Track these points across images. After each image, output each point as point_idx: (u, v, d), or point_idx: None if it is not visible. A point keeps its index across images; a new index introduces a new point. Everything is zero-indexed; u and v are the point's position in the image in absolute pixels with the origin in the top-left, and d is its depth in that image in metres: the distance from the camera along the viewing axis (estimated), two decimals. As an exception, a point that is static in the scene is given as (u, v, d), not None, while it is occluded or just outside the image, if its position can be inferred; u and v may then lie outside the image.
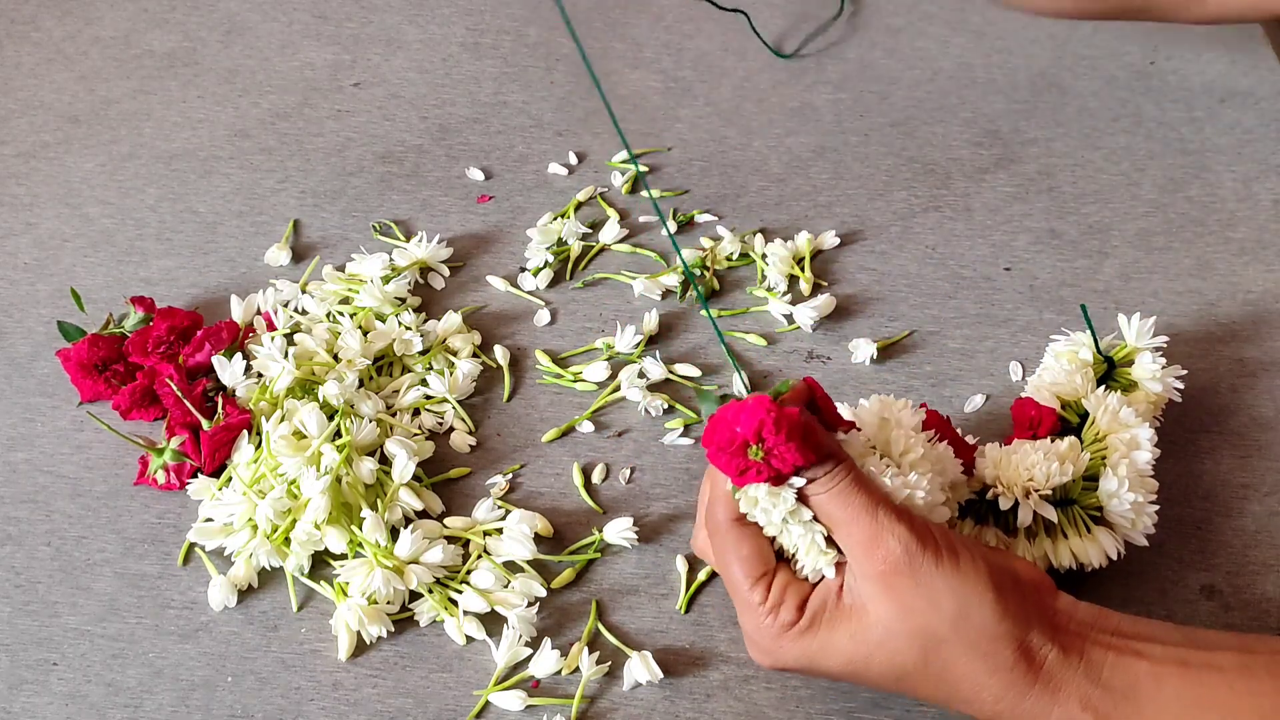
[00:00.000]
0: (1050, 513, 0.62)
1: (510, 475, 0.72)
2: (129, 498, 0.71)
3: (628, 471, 0.72)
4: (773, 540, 0.57)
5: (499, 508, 0.69)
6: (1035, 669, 0.53)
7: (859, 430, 0.59)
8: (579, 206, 0.86)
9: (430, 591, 0.65)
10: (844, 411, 0.61)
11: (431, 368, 0.75)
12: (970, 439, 0.65)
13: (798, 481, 0.55)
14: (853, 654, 0.54)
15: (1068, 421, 0.66)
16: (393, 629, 0.65)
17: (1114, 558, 0.62)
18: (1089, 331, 0.69)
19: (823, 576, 0.56)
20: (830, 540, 0.56)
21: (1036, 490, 0.61)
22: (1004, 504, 0.62)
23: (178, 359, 0.74)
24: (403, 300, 0.78)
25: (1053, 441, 0.64)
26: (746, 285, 0.81)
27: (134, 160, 0.91)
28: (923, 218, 0.85)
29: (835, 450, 0.55)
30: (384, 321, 0.76)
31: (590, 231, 0.84)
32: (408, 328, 0.76)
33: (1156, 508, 0.63)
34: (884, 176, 0.87)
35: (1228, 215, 0.84)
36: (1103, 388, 0.67)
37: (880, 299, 0.80)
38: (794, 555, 0.57)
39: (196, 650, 0.65)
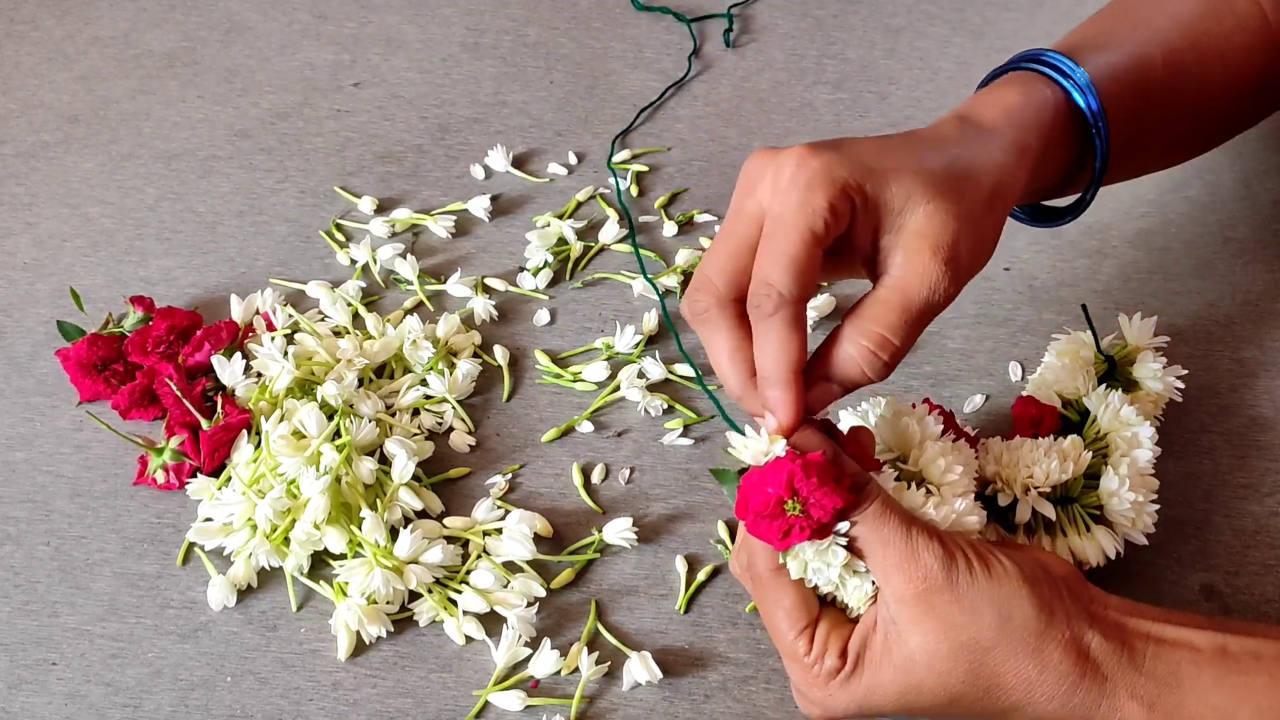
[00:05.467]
0: (1048, 510, 0.62)
1: (510, 475, 0.72)
2: (128, 497, 0.71)
3: (627, 471, 0.72)
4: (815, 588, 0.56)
5: (499, 508, 0.69)
6: (1083, 660, 0.52)
7: (886, 466, 0.58)
8: (579, 206, 0.86)
9: (430, 591, 0.65)
10: (851, 419, 0.61)
11: (431, 368, 0.75)
12: (970, 429, 0.65)
13: (843, 527, 0.54)
14: (902, 685, 0.53)
15: (1069, 420, 0.66)
16: (392, 629, 0.65)
17: (1113, 557, 0.62)
18: (1090, 330, 0.69)
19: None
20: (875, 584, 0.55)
21: (1036, 488, 0.61)
22: (1003, 500, 0.62)
23: (177, 359, 0.74)
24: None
25: (1056, 439, 0.63)
26: (746, 285, 0.81)
27: (134, 160, 0.91)
28: (922, 218, 0.84)
29: (860, 475, 0.54)
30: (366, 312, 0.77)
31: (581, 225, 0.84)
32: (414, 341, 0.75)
33: (1156, 507, 0.63)
34: (884, 176, 0.87)
35: (1228, 215, 0.84)
36: (1103, 386, 0.67)
37: (880, 299, 0.80)
38: (843, 602, 0.56)
39: (196, 650, 0.65)
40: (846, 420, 0.61)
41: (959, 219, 0.54)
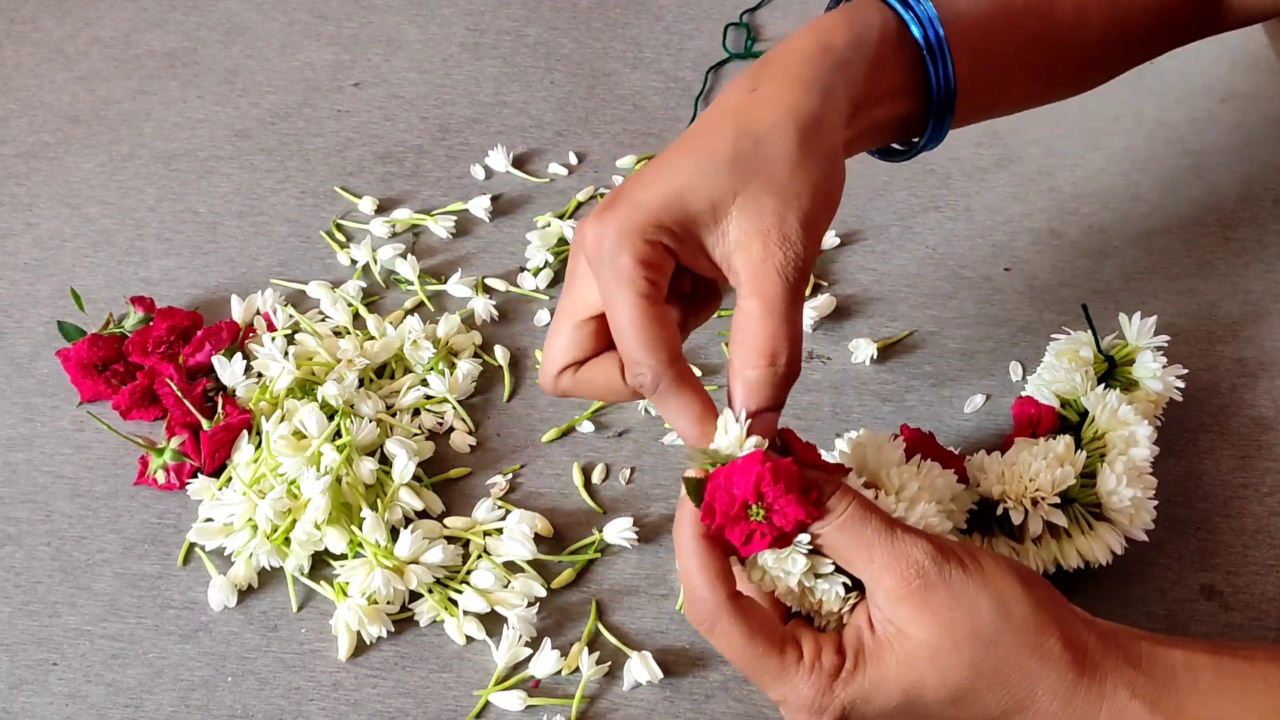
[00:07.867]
0: (1060, 518, 0.62)
1: (510, 475, 0.72)
2: (129, 498, 0.71)
3: (628, 471, 0.72)
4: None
5: (499, 508, 0.69)
6: (1081, 656, 0.52)
7: (851, 470, 0.56)
8: (579, 206, 0.86)
9: (430, 591, 0.65)
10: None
11: (432, 368, 0.75)
12: (954, 449, 0.64)
13: (804, 539, 0.52)
14: (906, 681, 0.52)
15: (1067, 420, 0.66)
16: (393, 629, 0.65)
17: (1118, 552, 0.62)
18: (1090, 330, 0.69)
19: (844, 621, 0.54)
20: (848, 586, 0.54)
21: (1044, 498, 0.61)
22: (1016, 518, 0.62)
23: (178, 359, 0.74)
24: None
25: (1050, 440, 0.64)
26: (746, 285, 0.81)
27: (134, 160, 0.91)
28: (923, 218, 0.85)
29: (831, 479, 0.53)
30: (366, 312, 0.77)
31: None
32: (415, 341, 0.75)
33: (1155, 503, 0.63)
34: (884, 176, 0.87)
35: (1228, 215, 0.84)
36: (1103, 386, 0.67)
37: (880, 299, 0.80)
38: (814, 607, 0.55)
39: (196, 650, 0.65)
40: (827, 460, 0.58)
41: (771, 193, 0.53)
